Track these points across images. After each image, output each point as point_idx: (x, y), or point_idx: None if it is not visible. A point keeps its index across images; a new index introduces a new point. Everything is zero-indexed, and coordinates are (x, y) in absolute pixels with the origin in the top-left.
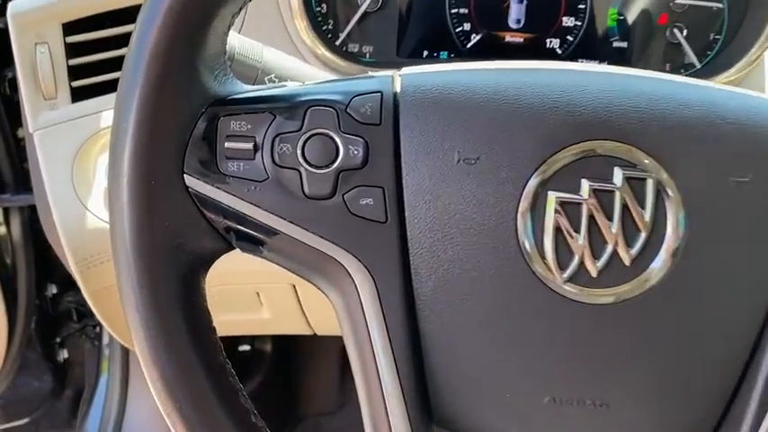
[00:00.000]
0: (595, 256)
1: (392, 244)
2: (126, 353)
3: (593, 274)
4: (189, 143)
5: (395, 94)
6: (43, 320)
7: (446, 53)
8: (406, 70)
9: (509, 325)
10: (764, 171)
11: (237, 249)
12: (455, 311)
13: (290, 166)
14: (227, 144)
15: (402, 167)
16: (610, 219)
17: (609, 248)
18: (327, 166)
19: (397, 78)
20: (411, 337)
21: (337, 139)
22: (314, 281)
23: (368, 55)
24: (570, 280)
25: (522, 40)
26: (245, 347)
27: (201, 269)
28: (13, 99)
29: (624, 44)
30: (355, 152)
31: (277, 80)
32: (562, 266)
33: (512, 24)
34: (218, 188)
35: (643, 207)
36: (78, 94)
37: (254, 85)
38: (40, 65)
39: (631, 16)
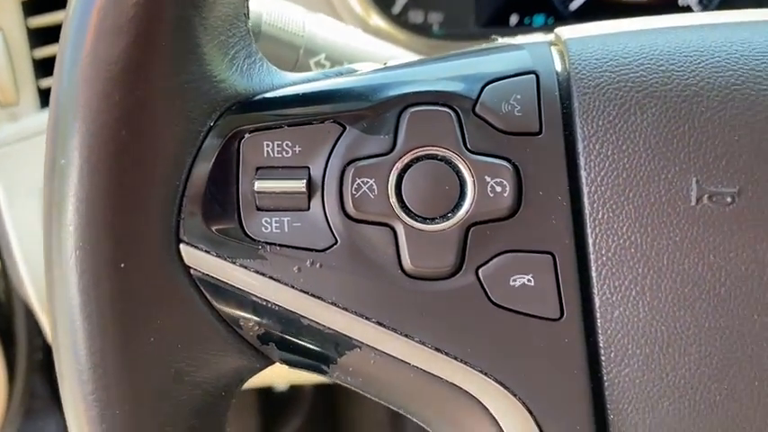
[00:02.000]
0: None
1: (571, 362)
2: None
3: None
4: (187, 185)
5: (559, 76)
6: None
7: (542, 18)
8: (567, 32)
9: None
10: None
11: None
12: None
13: (377, 219)
14: (258, 184)
15: (586, 215)
16: None
17: None
18: (446, 218)
19: (558, 46)
20: None
21: (461, 166)
22: (418, 417)
23: (436, 26)
24: None
25: None
26: (282, 388)
27: (220, 404)
28: None
29: None
30: (497, 188)
31: (328, 64)
32: None
33: None
34: (243, 268)
35: None
36: (49, 98)
37: (293, 71)
38: None
39: None
